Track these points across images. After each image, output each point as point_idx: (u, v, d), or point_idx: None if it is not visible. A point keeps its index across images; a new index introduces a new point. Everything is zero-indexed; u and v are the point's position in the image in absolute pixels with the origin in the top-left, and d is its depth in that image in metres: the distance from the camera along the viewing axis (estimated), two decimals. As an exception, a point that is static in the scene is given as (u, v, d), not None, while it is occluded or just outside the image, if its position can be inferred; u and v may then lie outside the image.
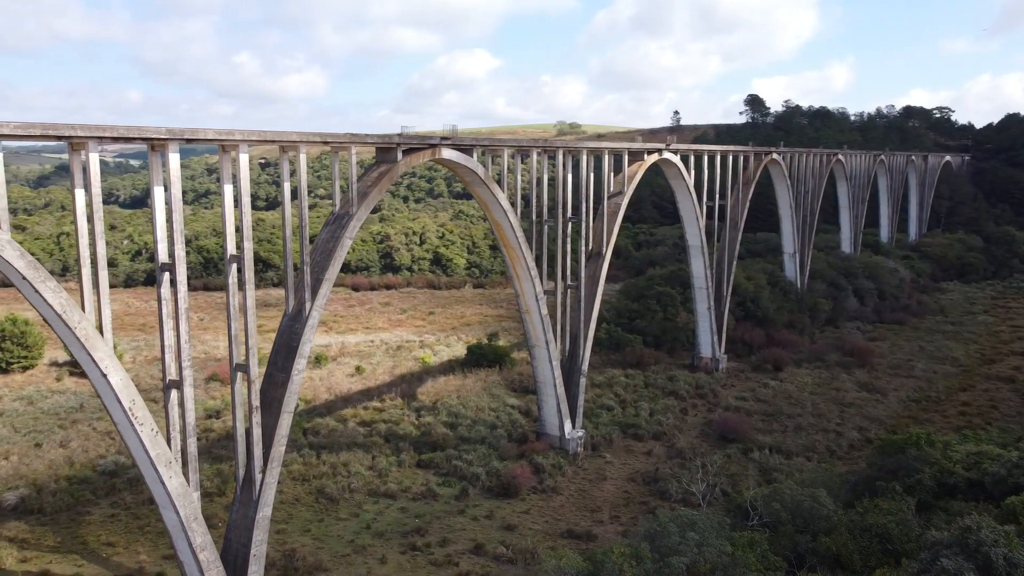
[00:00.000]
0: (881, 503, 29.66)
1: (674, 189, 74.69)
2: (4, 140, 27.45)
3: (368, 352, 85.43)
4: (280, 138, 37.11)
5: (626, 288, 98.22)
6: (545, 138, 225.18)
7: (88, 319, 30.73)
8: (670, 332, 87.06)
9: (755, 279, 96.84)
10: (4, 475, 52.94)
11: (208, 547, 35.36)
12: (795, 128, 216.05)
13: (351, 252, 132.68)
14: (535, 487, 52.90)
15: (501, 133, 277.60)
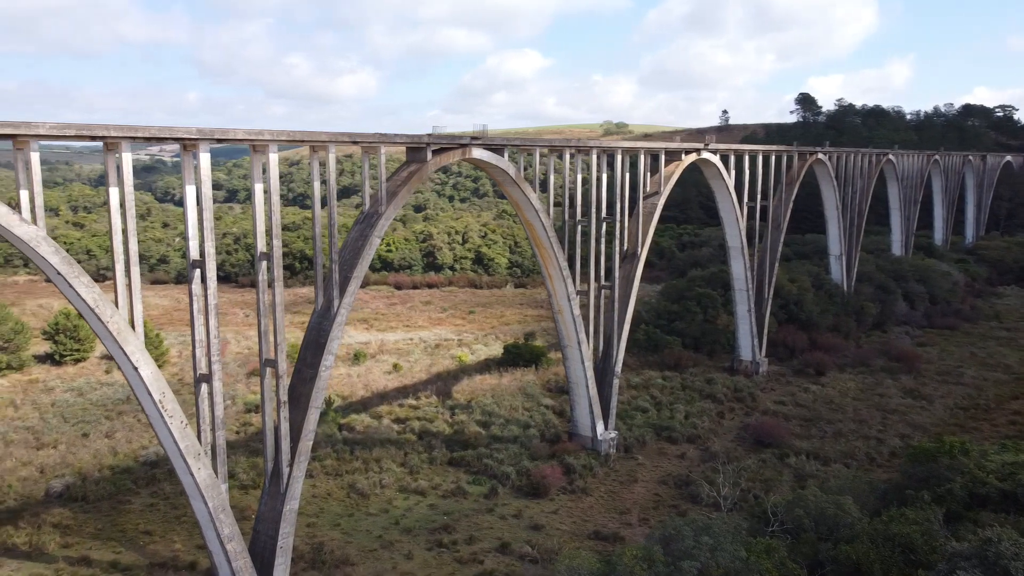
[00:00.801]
0: (908, 512, 28.90)
1: (714, 189, 73.78)
2: (40, 140, 28.46)
3: (407, 350, 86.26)
4: (309, 138, 37.74)
5: (666, 289, 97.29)
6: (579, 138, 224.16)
7: (120, 314, 31.70)
8: (710, 334, 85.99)
9: (799, 281, 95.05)
10: (52, 463, 54.87)
11: (236, 538, 36.17)
12: (848, 127, 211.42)
13: (394, 250, 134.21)
14: (565, 487, 52.80)
15: (548, 133, 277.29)
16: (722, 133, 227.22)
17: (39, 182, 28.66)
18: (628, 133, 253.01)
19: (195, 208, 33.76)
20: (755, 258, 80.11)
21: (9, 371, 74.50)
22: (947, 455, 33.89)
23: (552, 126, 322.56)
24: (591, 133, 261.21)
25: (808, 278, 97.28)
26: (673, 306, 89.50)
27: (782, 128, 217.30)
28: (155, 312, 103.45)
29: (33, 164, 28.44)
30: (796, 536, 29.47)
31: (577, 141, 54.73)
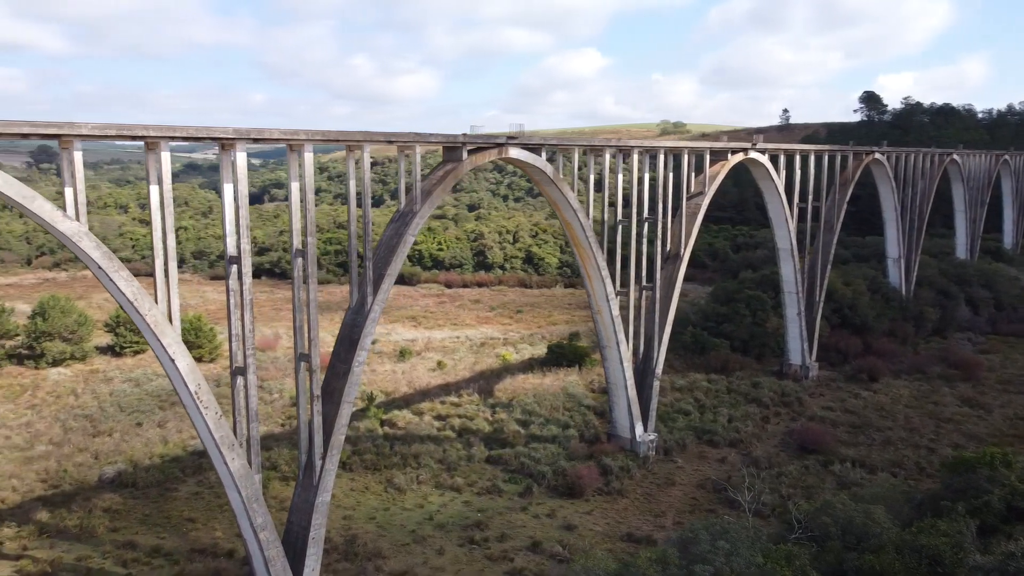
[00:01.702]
0: (940, 524, 27.97)
1: (763, 190, 72.45)
2: (83, 140, 29.68)
3: (452, 348, 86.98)
4: (344, 138, 38.44)
5: (716, 291, 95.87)
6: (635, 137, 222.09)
7: (159, 308, 32.84)
8: (759, 337, 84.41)
9: (854, 284, 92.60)
10: (106, 450, 57.13)
11: (268, 527, 37.07)
12: (914, 126, 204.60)
13: (445, 249, 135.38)
14: (600, 488, 52.60)
15: (604, 133, 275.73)
16: (782, 132, 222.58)
17: (82, 180, 29.91)
18: (685, 133, 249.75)
19: (232, 206, 34.73)
20: (806, 260, 78.36)
21: (72, 361, 77.73)
22: (987, 466, 32.63)
23: (609, 125, 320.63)
24: (647, 133, 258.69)
25: (864, 281, 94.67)
26: (722, 308, 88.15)
27: (845, 128, 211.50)
28: (213, 307, 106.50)
29: (76, 163, 29.71)
30: (822, 544, 28.83)
31: (617, 140, 54.43)
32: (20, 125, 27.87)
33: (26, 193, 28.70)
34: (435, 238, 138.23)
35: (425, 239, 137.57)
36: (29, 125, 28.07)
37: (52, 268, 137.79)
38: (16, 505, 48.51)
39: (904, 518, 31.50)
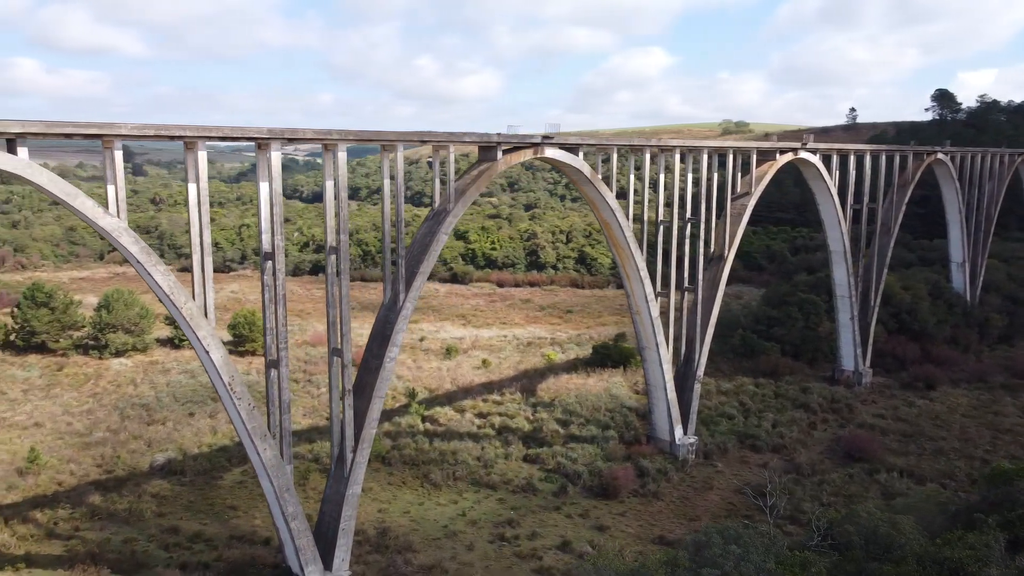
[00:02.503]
0: (968, 536, 27.01)
1: (814, 191, 70.80)
2: (123, 139, 31.03)
3: (499, 347, 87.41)
4: (378, 137, 39.16)
5: (768, 294, 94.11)
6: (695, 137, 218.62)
7: (195, 301, 34.09)
8: (811, 342, 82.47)
9: (914, 289, 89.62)
10: (159, 438, 59.37)
11: (299, 517, 38.08)
12: (990, 125, 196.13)
13: (498, 248, 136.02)
14: (636, 490, 52.30)
15: (665, 133, 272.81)
16: (848, 132, 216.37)
17: (122, 178, 31.29)
18: (748, 132, 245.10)
19: (267, 204, 35.78)
20: (860, 263, 76.27)
21: (134, 352, 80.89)
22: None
23: (670, 125, 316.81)
24: (709, 132, 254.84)
25: (925, 286, 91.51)
26: (774, 311, 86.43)
27: (915, 127, 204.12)
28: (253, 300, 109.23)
29: (117, 162, 31.09)
30: (844, 553, 28.14)
31: (657, 140, 53.99)
32: (64, 125, 29.31)
33: (69, 190, 30.17)
34: (488, 237, 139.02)
35: (479, 239, 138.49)
36: (72, 125, 29.49)
37: (122, 263, 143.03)
38: (72, 488, 50.84)
39: (936, 529, 30.51)
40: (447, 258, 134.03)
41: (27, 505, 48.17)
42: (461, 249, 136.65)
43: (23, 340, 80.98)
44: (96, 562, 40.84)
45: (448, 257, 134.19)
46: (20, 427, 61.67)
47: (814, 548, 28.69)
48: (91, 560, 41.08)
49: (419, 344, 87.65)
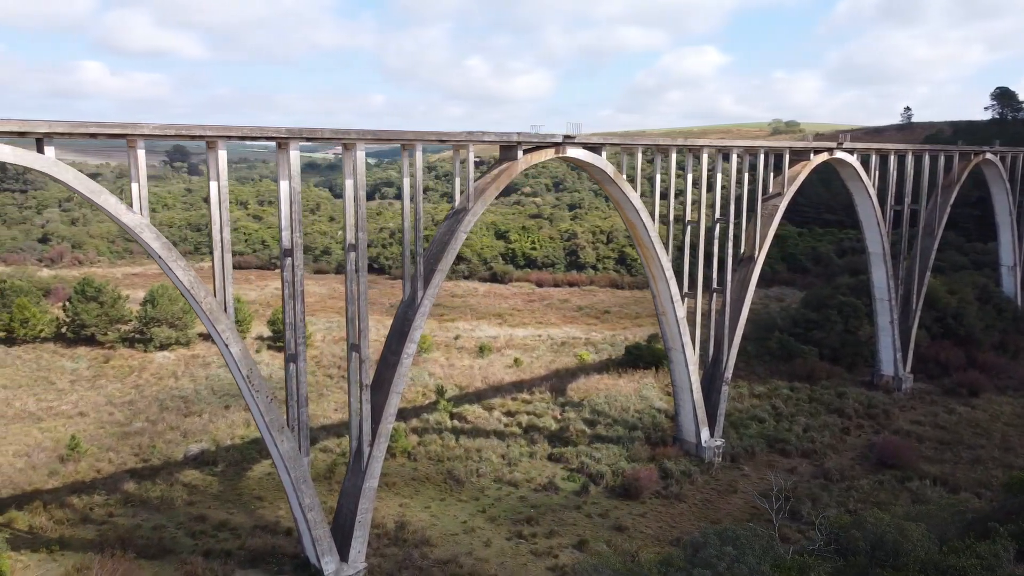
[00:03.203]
0: (977, 545, 26.34)
1: (852, 192, 69.40)
2: (145, 139, 32.15)
3: (532, 346, 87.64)
4: (397, 137, 39.76)
5: (808, 296, 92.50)
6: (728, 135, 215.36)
7: (215, 297, 35.13)
8: (850, 346, 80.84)
9: (960, 293, 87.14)
10: (195, 429, 61.14)
11: (316, 508, 38.91)
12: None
13: (538, 248, 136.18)
14: (659, 492, 52.02)
15: (714, 132, 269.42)
16: (903, 132, 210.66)
17: (144, 176, 32.43)
18: (798, 132, 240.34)
19: (287, 202, 36.65)
20: (901, 266, 74.47)
21: (177, 346, 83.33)
22: (1047, 488, 30.28)
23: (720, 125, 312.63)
24: (758, 132, 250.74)
25: (972, 290, 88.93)
26: (813, 314, 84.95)
27: (973, 126, 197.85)
28: (311, 299, 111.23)
29: (140, 161, 32.22)
30: (848, 559, 27.64)
31: (684, 139, 53.58)
32: (87, 125, 30.53)
33: (94, 188, 31.41)
34: (529, 237, 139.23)
35: (519, 238, 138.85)
36: (96, 125, 30.70)
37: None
38: (109, 475, 52.73)
39: (949, 538, 29.75)
40: (487, 257, 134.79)
41: (66, 491, 50.10)
42: (501, 248, 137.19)
43: (73, 333, 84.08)
44: (125, 547, 42.29)
45: (488, 256, 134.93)
46: (65, 416, 64.13)
47: (819, 552, 28.28)
48: (120, 545, 42.56)
49: (453, 343, 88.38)
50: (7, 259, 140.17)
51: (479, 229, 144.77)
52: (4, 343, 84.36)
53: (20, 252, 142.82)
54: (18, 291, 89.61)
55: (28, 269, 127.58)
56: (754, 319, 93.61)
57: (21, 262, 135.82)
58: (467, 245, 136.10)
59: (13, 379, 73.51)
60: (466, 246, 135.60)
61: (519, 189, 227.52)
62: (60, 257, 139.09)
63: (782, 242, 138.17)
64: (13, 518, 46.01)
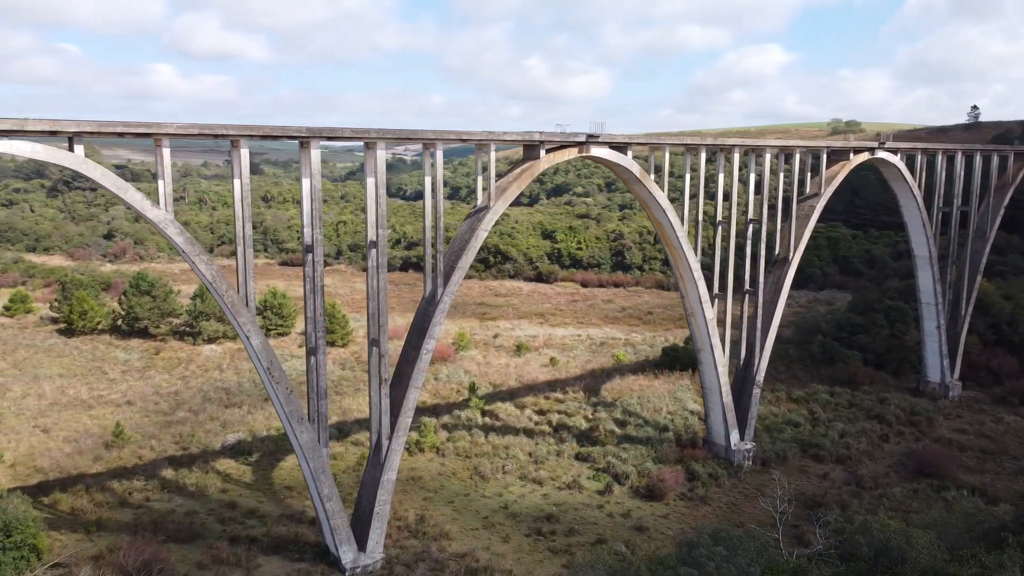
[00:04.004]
0: (984, 556, 25.58)
1: (896, 192, 67.57)
2: (170, 138, 33.51)
3: (571, 345, 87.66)
4: (418, 136, 40.45)
5: (855, 300, 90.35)
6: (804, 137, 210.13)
7: (236, 292, 36.36)
8: (896, 351, 78.70)
9: (1017, 298, 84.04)
10: (234, 420, 63.06)
11: (334, 498, 39.89)
12: None
13: (584, 248, 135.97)
14: (683, 494, 51.67)
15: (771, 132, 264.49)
16: (969, 131, 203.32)
17: (169, 174, 33.81)
18: (859, 132, 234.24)
19: (309, 199, 37.67)
20: (949, 270, 72.21)
21: (224, 340, 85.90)
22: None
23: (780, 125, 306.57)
24: (817, 132, 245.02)
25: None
26: (858, 318, 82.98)
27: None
28: (357, 296, 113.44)
29: (165, 159, 33.60)
30: (850, 564, 27.12)
31: (713, 140, 53.04)
32: (115, 125, 31.99)
33: (120, 184, 32.87)
34: (575, 237, 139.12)
35: (565, 238, 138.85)
36: (123, 125, 32.15)
37: (229, 256, 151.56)
38: (149, 462, 54.84)
39: (961, 547, 28.95)
40: (533, 257, 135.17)
41: (108, 475, 52.31)
42: (547, 248, 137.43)
43: (128, 325, 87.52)
44: (156, 531, 44.03)
45: (534, 256, 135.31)
46: (114, 404, 66.86)
47: (821, 557, 27.86)
48: (153, 529, 44.33)
49: (492, 341, 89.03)
50: (74, 254, 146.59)
51: (525, 229, 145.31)
52: (64, 334, 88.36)
53: (86, 248, 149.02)
54: (78, 285, 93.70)
55: (92, 264, 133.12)
56: (797, 322, 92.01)
57: (87, 257, 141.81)
58: (513, 244, 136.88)
59: (69, 368, 76.93)
60: (512, 245, 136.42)
61: (571, 189, 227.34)
62: (123, 253, 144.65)
63: (835, 244, 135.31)
64: (57, 500, 48.29)
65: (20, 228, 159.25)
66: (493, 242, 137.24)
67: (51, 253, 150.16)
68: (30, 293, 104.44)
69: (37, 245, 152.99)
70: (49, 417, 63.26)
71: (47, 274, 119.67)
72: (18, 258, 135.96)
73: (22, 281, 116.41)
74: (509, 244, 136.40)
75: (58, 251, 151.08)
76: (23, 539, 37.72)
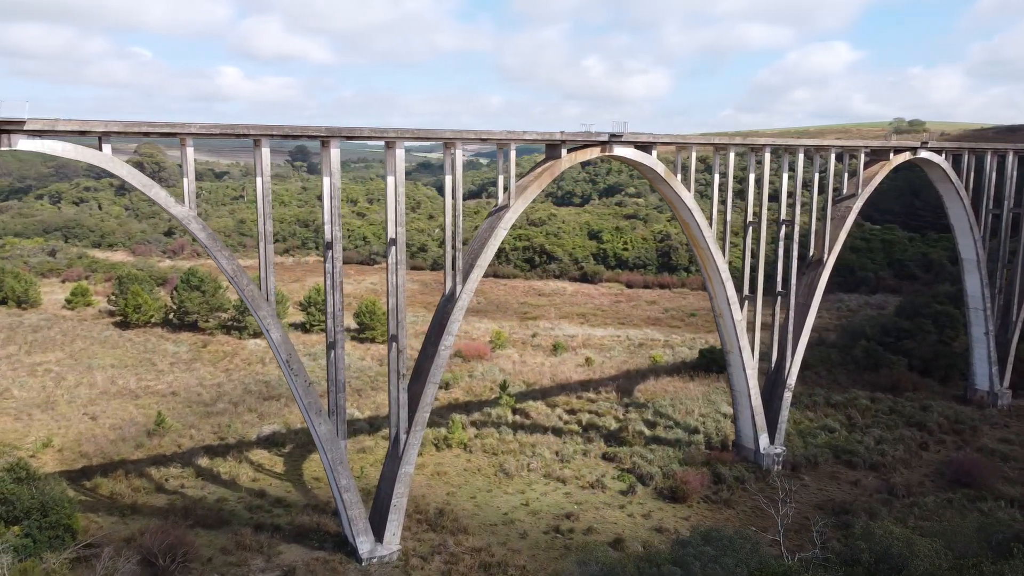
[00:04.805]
0: (986, 565, 24.88)
1: (941, 193, 65.59)
2: (193, 137, 34.85)
3: (609, 346, 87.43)
4: (436, 135, 41.09)
5: (902, 304, 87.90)
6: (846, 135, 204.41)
7: (263, 285, 37.56)
8: (944, 357, 76.38)
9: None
10: (270, 412, 64.86)
11: (351, 489, 40.83)
12: None
13: (630, 249, 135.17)
14: (707, 496, 51.25)
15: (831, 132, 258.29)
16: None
17: (192, 172, 35.15)
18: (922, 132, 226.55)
19: (328, 197, 38.69)
20: (999, 274, 69.74)
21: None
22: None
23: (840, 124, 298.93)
24: (879, 132, 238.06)
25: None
26: (905, 323, 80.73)
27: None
28: (416, 296, 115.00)
29: (189, 158, 34.96)
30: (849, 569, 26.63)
31: (742, 139, 52.38)
32: (140, 125, 33.45)
33: (145, 182, 34.33)
34: (622, 237, 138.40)
35: (612, 238, 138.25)
36: (147, 125, 33.58)
37: (282, 254, 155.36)
38: (187, 450, 56.85)
39: (970, 555, 28.17)
40: (579, 257, 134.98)
41: (147, 462, 54.44)
42: (593, 249, 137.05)
43: (178, 319, 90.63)
44: (187, 516, 45.72)
45: (580, 256, 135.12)
46: (160, 394, 69.43)
47: (821, 562, 27.46)
48: (183, 514, 46.04)
49: (530, 340, 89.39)
50: (136, 250, 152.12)
51: (572, 229, 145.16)
52: (119, 327, 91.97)
53: (147, 244, 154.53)
54: (134, 280, 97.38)
55: (151, 260, 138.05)
56: (842, 326, 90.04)
57: (147, 253, 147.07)
58: (559, 244, 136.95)
59: (122, 359, 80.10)
60: (557, 245, 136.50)
61: (623, 189, 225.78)
62: (181, 249, 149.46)
63: (889, 247, 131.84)
64: (98, 484, 50.52)
65: (87, 225, 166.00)
66: (539, 242, 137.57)
67: (115, 249, 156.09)
68: (91, 287, 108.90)
69: (102, 241, 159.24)
70: (98, 405, 66.07)
71: (109, 269, 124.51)
72: (83, 253, 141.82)
73: (85, 275, 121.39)
74: (555, 244, 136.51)
75: (121, 247, 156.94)
76: (58, 519, 39.62)
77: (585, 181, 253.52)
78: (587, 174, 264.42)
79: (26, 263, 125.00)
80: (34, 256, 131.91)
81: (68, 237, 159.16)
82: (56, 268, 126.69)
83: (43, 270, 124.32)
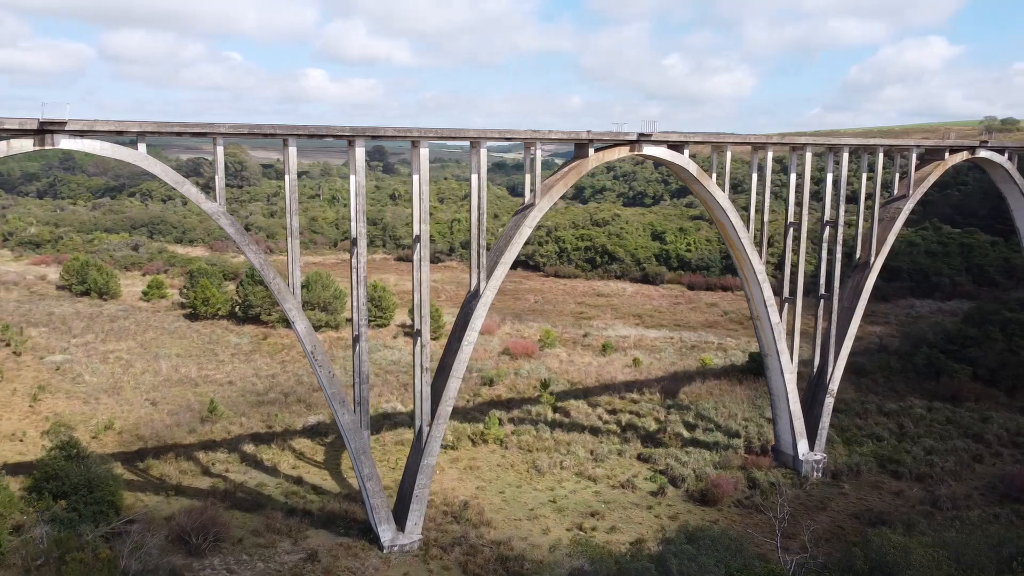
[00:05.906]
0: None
1: (1005, 195, 62.73)
2: (222, 137, 36.62)
3: (659, 347, 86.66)
4: (460, 134, 41.89)
5: (970, 311, 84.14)
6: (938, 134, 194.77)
7: (282, 278, 39.16)
8: (1012, 367, 72.73)
9: None
10: (318, 403, 67.01)
11: (374, 478, 42.07)
12: None
13: (693, 250, 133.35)
14: (739, 501, 50.51)
15: (916, 131, 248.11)
16: None
17: (222, 169, 36.94)
18: (1016, 131, 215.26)
19: (354, 195, 39.97)
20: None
21: (326, 329, 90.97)
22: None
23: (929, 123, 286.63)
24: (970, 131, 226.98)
25: None
26: (972, 330, 77.36)
27: None
28: (451, 286, 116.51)
29: (219, 156, 36.76)
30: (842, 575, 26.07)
31: (780, 137, 51.39)
32: (173, 125, 35.39)
33: (178, 179, 36.30)
34: (685, 238, 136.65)
35: (675, 239, 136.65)
36: (180, 125, 35.50)
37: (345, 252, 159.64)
38: (236, 437, 59.39)
39: (976, 567, 27.16)
40: (641, 258, 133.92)
41: (197, 447, 57.16)
42: (656, 249, 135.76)
43: (243, 312, 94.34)
44: (225, 499, 47.92)
45: (641, 257, 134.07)
46: (217, 383, 72.61)
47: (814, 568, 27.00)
48: (223, 496, 48.27)
49: (581, 339, 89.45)
50: (213, 246, 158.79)
51: (635, 229, 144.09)
52: (189, 318, 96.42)
53: (223, 240, 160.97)
54: (204, 274, 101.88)
55: (225, 256, 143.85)
56: (904, 332, 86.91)
57: (223, 249, 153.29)
58: (621, 245, 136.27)
59: (187, 349, 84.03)
60: (619, 246, 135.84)
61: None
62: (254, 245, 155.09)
63: (968, 251, 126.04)
64: (150, 465, 53.39)
65: (171, 221, 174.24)
66: (601, 242, 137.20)
67: (195, 245, 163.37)
68: (167, 280, 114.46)
69: (183, 237, 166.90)
70: (160, 392, 69.61)
71: (186, 263, 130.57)
72: (163, 248, 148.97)
73: (164, 269, 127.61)
74: (617, 244, 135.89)
75: (201, 243, 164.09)
76: (103, 496, 42.17)
77: (657, 182, 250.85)
78: (659, 175, 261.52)
79: (111, 257, 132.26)
80: (119, 250, 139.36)
81: (153, 233, 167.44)
82: (138, 262, 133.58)
83: (126, 264, 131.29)
